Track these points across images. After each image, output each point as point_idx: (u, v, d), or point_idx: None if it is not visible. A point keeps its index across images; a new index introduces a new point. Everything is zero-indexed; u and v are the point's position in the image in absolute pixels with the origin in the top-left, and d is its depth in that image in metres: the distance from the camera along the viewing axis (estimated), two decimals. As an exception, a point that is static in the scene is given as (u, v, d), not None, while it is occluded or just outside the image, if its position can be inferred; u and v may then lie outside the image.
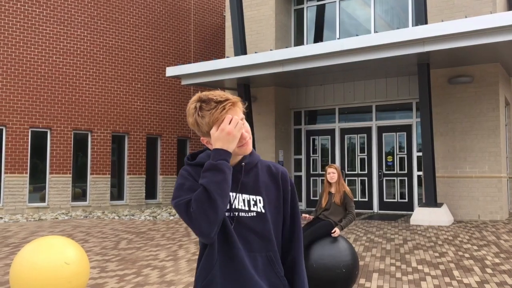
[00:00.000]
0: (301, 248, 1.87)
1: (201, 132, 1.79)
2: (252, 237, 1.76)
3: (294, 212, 1.88)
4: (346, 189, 5.58)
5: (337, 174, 5.57)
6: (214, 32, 17.96)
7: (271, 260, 1.79)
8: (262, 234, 1.77)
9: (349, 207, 5.48)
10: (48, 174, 13.83)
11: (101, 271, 6.43)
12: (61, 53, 14.23)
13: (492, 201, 10.80)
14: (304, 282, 1.85)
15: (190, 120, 1.80)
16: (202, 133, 1.79)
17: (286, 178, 1.89)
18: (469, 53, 10.15)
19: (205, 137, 1.79)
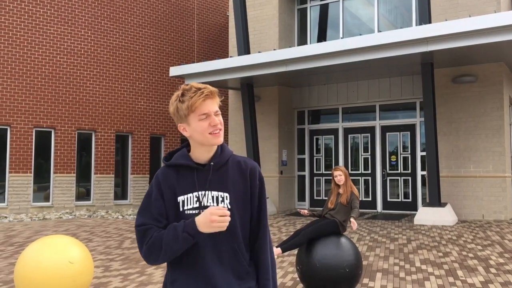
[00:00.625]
0: (266, 236, 2.03)
1: (180, 119, 1.94)
2: (218, 232, 1.88)
3: (261, 204, 2.02)
4: (354, 190, 5.68)
5: (344, 176, 5.63)
6: (217, 32, 17.97)
7: (235, 251, 1.94)
8: (228, 228, 1.88)
9: (354, 203, 5.54)
10: (52, 174, 13.88)
11: (105, 270, 6.45)
12: (65, 53, 14.28)
13: (497, 201, 10.77)
14: (267, 267, 2.01)
15: (171, 108, 1.96)
16: (180, 119, 1.94)
17: (254, 173, 2.02)
18: (473, 53, 10.11)
19: (182, 123, 1.95)
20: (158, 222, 1.93)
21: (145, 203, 1.97)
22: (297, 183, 14.29)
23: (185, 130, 1.97)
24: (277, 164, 13.70)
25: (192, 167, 1.98)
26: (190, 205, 1.95)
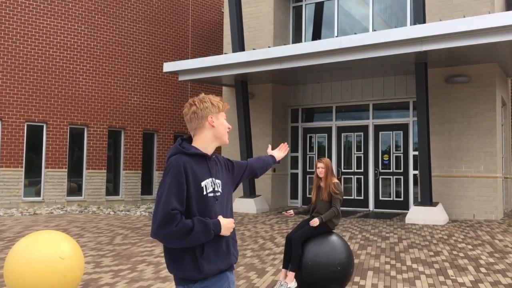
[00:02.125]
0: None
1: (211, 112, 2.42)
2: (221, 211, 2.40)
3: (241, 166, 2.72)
4: (333, 182, 5.38)
5: (325, 169, 5.41)
6: (212, 28, 17.91)
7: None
8: (227, 207, 2.45)
9: (333, 201, 5.31)
10: (44, 169, 13.78)
11: (96, 266, 6.41)
12: (58, 47, 14.17)
13: (487, 201, 10.84)
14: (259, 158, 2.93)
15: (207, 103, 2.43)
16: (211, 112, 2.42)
17: (226, 159, 2.59)
18: (466, 53, 10.16)
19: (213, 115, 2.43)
20: (182, 207, 2.25)
21: (174, 187, 2.25)
22: (290, 181, 14.30)
23: (213, 121, 2.41)
24: (270, 162, 13.68)
25: (205, 157, 2.40)
26: (209, 189, 2.35)
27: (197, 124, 2.40)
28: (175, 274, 2.33)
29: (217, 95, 2.57)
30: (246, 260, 6.81)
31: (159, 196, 2.25)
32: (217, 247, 2.32)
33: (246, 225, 10.20)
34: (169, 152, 2.40)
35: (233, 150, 14.21)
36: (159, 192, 2.27)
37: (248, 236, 8.80)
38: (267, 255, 7.19)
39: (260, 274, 6.06)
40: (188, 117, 2.42)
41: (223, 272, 2.35)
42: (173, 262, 2.31)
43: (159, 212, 2.20)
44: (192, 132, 2.46)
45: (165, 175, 2.31)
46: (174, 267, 2.31)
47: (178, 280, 2.35)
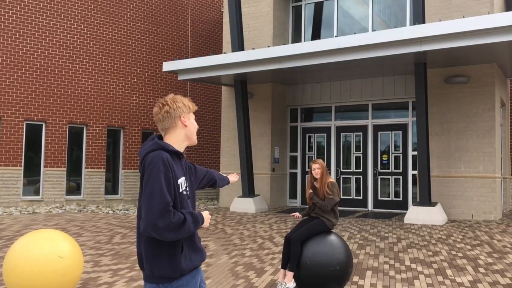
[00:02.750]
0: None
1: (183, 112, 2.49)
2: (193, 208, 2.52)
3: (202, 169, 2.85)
4: (329, 182, 5.36)
5: (321, 169, 5.41)
6: (211, 27, 17.91)
7: None
8: (194, 205, 2.55)
9: (326, 199, 5.30)
10: (43, 167, 13.78)
11: (95, 265, 6.41)
12: (57, 46, 14.16)
13: (486, 201, 10.85)
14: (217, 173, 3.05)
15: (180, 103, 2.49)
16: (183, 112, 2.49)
17: (188, 162, 2.68)
18: (466, 53, 10.17)
19: (185, 115, 2.49)
20: (172, 201, 2.31)
21: (165, 181, 2.28)
22: (289, 180, 14.30)
23: (185, 121, 2.47)
24: (269, 161, 13.71)
25: (180, 155, 2.48)
26: (183, 187, 2.43)
27: (169, 123, 2.45)
28: (150, 270, 2.32)
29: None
30: (245, 260, 6.82)
31: (151, 189, 2.24)
32: (192, 243, 2.41)
33: (245, 225, 10.20)
34: (146, 148, 2.39)
35: (233, 149, 14.21)
36: (149, 185, 2.26)
37: (247, 236, 8.81)
38: (266, 254, 7.20)
39: (259, 274, 6.06)
40: (160, 116, 2.44)
41: (196, 268, 2.43)
42: (151, 258, 2.31)
43: (158, 205, 2.22)
44: (163, 132, 2.49)
45: (151, 169, 2.28)
46: (151, 262, 2.31)
47: (150, 278, 2.34)
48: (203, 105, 17.50)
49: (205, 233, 9.11)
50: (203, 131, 17.36)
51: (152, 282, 2.33)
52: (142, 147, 2.44)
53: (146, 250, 2.33)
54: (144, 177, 2.30)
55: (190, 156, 16.96)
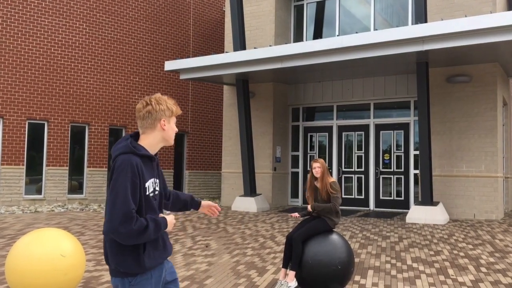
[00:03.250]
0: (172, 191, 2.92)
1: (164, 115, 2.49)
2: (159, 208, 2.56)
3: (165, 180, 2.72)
4: (331, 181, 5.36)
5: (322, 169, 5.40)
6: (213, 27, 17.92)
7: None
8: (161, 203, 2.59)
9: (331, 198, 5.28)
10: (45, 166, 13.81)
11: (97, 264, 6.43)
12: (60, 45, 14.18)
13: (488, 201, 10.84)
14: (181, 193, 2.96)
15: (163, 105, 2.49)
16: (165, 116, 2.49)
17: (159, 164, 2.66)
18: (468, 53, 10.15)
19: (166, 119, 2.49)
20: (136, 207, 2.34)
21: (131, 188, 2.31)
22: (290, 180, 14.31)
23: (164, 124, 2.48)
24: (271, 161, 13.71)
25: (152, 158, 2.50)
26: (151, 189, 2.45)
27: (149, 124, 2.46)
28: (115, 266, 2.38)
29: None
30: (246, 259, 6.82)
31: (116, 194, 2.27)
32: (156, 244, 2.45)
33: (246, 224, 10.21)
34: (118, 149, 2.40)
35: (234, 148, 14.21)
36: (115, 190, 2.28)
37: (249, 235, 8.81)
38: (268, 253, 7.20)
39: (261, 273, 6.07)
40: (141, 114, 2.45)
41: (161, 263, 2.52)
42: (115, 255, 2.36)
43: (120, 211, 2.24)
44: (141, 130, 2.50)
45: (119, 173, 2.31)
46: (116, 259, 2.37)
47: (116, 272, 2.40)
48: (205, 104, 17.52)
49: (207, 232, 9.12)
50: (204, 130, 17.37)
51: (118, 276, 2.40)
52: (116, 145, 2.46)
53: (111, 248, 2.37)
54: (112, 181, 2.32)
55: (192, 156, 16.98)
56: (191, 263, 6.52)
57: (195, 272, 6.03)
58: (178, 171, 16.65)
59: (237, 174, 13.93)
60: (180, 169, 16.74)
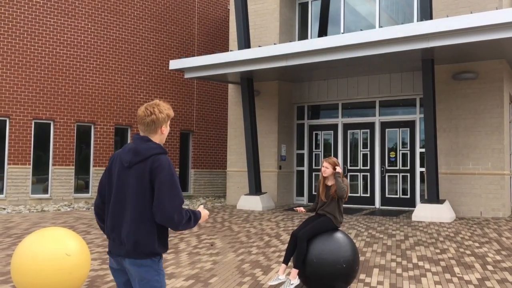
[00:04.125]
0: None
1: (166, 122, 2.91)
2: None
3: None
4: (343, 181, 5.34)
5: (330, 168, 5.36)
6: (218, 25, 17.91)
7: None
8: None
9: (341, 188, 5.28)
10: (51, 166, 13.87)
11: (102, 263, 6.45)
12: (65, 45, 14.24)
13: (495, 198, 10.77)
14: None
15: (169, 112, 2.92)
16: (166, 122, 2.92)
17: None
18: (474, 49, 10.08)
19: (166, 124, 2.93)
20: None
21: (179, 184, 2.77)
22: (295, 178, 14.29)
23: (163, 129, 2.89)
24: (276, 159, 13.70)
25: None
26: None
27: (152, 130, 2.87)
28: (147, 248, 2.72)
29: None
30: (251, 257, 6.82)
31: (171, 187, 2.70)
32: (167, 233, 2.88)
33: (251, 223, 10.21)
34: (153, 149, 2.78)
35: (239, 147, 14.21)
36: (169, 184, 2.70)
37: (254, 234, 8.81)
38: (273, 252, 7.20)
39: (266, 271, 6.06)
40: (145, 122, 2.84)
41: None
42: (147, 238, 2.73)
43: (176, 202, 2.70)
44: (145, 133, 2.88)
45: (168, 170, 2.74)
46: (149, 242, 2.73)
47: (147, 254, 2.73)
48: (210, 102, 17.52)
49: (212, 230, 9.12)
50: (209, 129, 17.39)
51: (148, 257, 2.74)
52: (141, 145, 2.80)
53: (143, 233, 2.72)
54: (163, 176, 2.70)
55: (198, 155, 17.00)
56: (196, 261, 6.53)
57: (199, 271, 6.04)
58: (183, 170, 16.68)
59: (242, 172, 13.93)
60: (185, 168, 16.77)
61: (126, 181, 2.77)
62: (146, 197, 2.71)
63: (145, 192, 2.72)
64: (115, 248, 2.79)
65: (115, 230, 2.78)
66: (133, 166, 2.75)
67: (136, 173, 2.74)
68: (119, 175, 2.81)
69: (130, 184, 2.75)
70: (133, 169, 2.75)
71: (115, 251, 2.80)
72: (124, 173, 2.79)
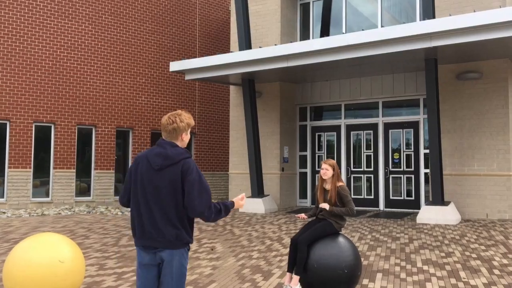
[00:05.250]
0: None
1: (187, 130, 3.33)
2: None
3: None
4: (340, 184, 5.19)
5: (331, 170, 5.20)
6: (219, 27, 17.81)
7: None
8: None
9: (346, 202, 5.11)
10: (52, 169, 13.79)
11: (100, 269, 6.33)
12: (66, 48, 14.16)
13: (501, 200, 10.59)
14: None
15: (190, 121, 3.34)
16: (187, 130, 3.33)
17: None
18: (477, 49, 9.92)
19: (187, 131, 3.35)
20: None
21: (206, 183, 3.17)
22: (298, 180, 14.14)
23: (184, 137, 3.29)
24: (278, 161, 13.56)
25: None
26: None
27: (174, 136, 3.26)
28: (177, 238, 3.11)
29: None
30: (252, 262, 6.69)
31: (201, 187, 3.11)
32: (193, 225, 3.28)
33: (253, 226, 10.07)
34: (181, 153, 3.18)
35: (241, 149, 14.09)
36: (199, 184, 3.11)
37: (255, 237, 8.67)
38: (274, 256, 7.06)
39: (266, 277, 5.93)
40: (168, 129, 3.23)
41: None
42: (177, 230, 3.11)
43: (207, 200, 3.11)
44: (168, 139, 3.26)
45: (197, 171, 3.15)
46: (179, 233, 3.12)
47: (177, 244, 3.13)
48: (211, 104, 17.41)
49: (213, 234, 8.99)
50: (211, 131, 17.27)
51: (179, 248, 3.14)
52: (170, 149, 3.18)
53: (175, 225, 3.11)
54: (193, 177, 3.11)
55: (200, 157, 16.88)
56: (195, 267, 6.40)
57: (198, 277, 5.91)
58: (185, 172, 16.54)
59: (245, 175, 13.80)
60: (187, 171, 16.63)
61: (158, 183, 3.12)
62: (180, 196, 3.10)
63: (178, 191, 3.10)
64: (153, 242, 3.13)
65: (154, 225, 3.12)
66: (164, 169, 3.12)
67: (168, 175, 3.11)
68: (148, 176, 3.16)
69: (163, 185, 3.10)
70: (164, 172, 3.12)
71: (152, 244, 3.13)
72: (154, 175, 3.14)
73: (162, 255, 3.12)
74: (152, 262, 3.17)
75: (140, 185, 3.17)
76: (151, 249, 3.14)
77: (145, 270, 3.19)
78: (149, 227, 3.12)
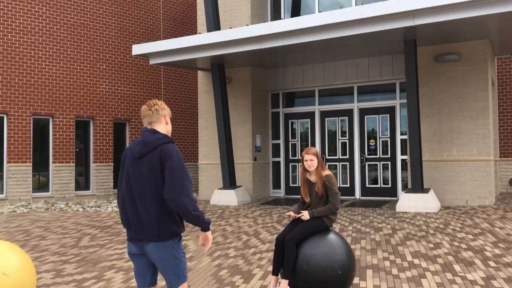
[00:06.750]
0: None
1: (167, 114, 3.24)
2: None
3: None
4: (326, 173, 4.63)
5: (316, 160, 4.63)
6: (185, 9, 16.92)
7: None
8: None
9: (330, 196, 4.54)
10: (6, 163, 12.72)
11: (56, 276, 5.56)
12: (17, 31, 13.01)
13: (481, 186, 10.31)
14: None
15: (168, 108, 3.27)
16: (167, 115, 3.23)
17: None
18: (457, 29, 9.53)
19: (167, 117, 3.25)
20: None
21: (187, 169, 3.01)
22: (271, 170, 13.57)
23: (167, 120, 3.20)
24: (250, 150, 12.93)
25: None
26: None
27: (156, 118, 3.14)
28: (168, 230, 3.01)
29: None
30: (229, 261, 6.05)
31: (183, 174, 2.95)
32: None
33: (227, 219, 9.43)
34: (160, 139, 3.04)
35: (211, 138, 13.38)
36: (180, 170, 2.96)
37: (230, 232, 8.04)
38: (253, 254, 6.45)
39: (247, 278, 5.31)
40: (150, 112, 3.12)
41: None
42: (164, 222, 3.00)
43: (188, 186, 2.96)
44: (149, 125, 3.13)
45: (177, 157, 2.99)
46: (167, 225, 3.01)
47: (167, 236, 3.02)
48: (178, 91, 16.56)
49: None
50: (179, 120, 16.43)
51: (169, 239, 3.02)
52: (149, 136, 3.05)
53: (163, 217, 2.99)
54: (171, 162, 2.95)
55: (166, 147, 16.05)
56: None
57: (170, 282, 5.22)
58: (152, 164, 15.71)
59: (215, 165, 13.10)
60: (154, 162, 15.80)
61: (139, 171, 3.01)
62: (161, 184, 2.95)
63: (159, 179, 2.96)
64: (137, 234, 3.05)
65: (136, 217, 3.03)
66: (143, 156, 3.00)
67: (147, 162, 2.99)
68: (132, 166, 3.04)
69: (143, 174, 2.98)
70: (144, 159, 3.00)
71: (136, 236, 3.06)
72: (136, 164, 3.03)
73: (147, 249, 3.05)
74: (140, 252, 3.11)
75: (125, 176, 3.09)
76: (136, 241, 3.09)
77: (135, 258, 3.15)
78: (133, 219, 3.06)
